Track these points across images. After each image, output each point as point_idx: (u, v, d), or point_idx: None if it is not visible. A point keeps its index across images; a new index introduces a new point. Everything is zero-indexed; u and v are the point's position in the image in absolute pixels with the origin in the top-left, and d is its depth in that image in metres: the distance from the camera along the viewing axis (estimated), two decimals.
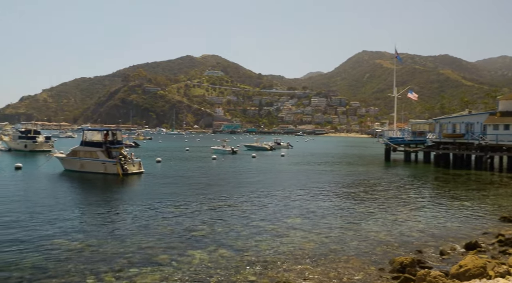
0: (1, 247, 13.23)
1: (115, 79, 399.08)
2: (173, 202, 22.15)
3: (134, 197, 24.01)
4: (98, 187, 28.54)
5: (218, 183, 30.93)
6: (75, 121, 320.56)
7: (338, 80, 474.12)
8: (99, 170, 33.49)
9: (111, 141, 34.81)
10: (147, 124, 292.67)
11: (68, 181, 30.61)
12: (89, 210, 20.00)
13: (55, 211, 19.09)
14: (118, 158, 33.42)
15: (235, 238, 15.04)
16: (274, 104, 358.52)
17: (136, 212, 19.39)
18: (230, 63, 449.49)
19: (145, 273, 11.33)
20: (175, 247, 13.72)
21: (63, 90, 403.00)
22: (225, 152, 65.80)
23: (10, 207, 19.84)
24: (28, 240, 14.10)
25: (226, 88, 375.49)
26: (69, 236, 14.79)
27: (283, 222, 17.92)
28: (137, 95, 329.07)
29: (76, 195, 25.10)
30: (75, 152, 35.60)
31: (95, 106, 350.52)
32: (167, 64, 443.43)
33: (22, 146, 60.63)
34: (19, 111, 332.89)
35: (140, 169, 34.76)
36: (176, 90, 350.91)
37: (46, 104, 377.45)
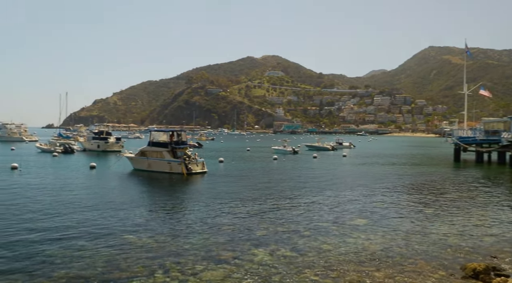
0: (76, 241, 14.18)
1: (179, 82, 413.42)
2: (236, 201, 22.53)
3: (198, 196, 24.74)
4: (164, 186, 29.70)
5: (279, 183, 31.02)
6: (142, 123, 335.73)
7: (402, 78, 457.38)
8: (164, 170, 34.86)
9: (176, 142, 36.09)
10: (209, 125, 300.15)
11: (136, 179, 32.15)
12: (156, 207, 20.89)
13: (125, 208, 20.14)
14: (182, 158, 34.58)
15: (297, 238, 15.01)
16: (335, 104, 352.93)
17: (200, 210, 19.95)
18: (290, 63, 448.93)
19: (209, 269, 11.64)
20: (238, 246, 13.96)
21: (132, 93, 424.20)
22: (286, 152, 65.82)
23: (85, 204, 21.22)
24: (101, 235, 15.00)
25: (287, 88, 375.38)
26: (138, 232, 15.53)
27: (346, 223, 17.61)
28: (200, 97, 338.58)
29: (144, 193, 26.33)
30: (143, 152, 37.33)
31: (160, 108, 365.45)
32: (228, 66, 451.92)
33: (95, 147, 64.63)
34: (93, 114, 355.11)
35: (203, 169, 35.72)
36: (237, 91, 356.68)
37: (116, 106, 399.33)
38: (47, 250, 13.04)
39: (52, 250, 13.00)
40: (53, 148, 59.83)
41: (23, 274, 10.99)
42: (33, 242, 13.87)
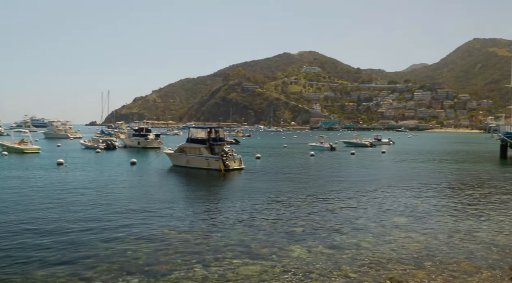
0: (119, 234, 14.65)
1: (216, 79, 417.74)
2: (273, 197, 22.58)
3: (235, 192, 24.96)
4: (202, 182, 30.14)
5: (317, 179, 30.81)
6: (180, 119, 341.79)
7: (444, 71, 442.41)
8: (202, 166, 35.37)
9: (214, 138, 36.51)
10: (246, 121, 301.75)
11: (175, 175, 32.79)
12: (194, 203, 21.25)
13: (165, 203, 20.60)
14: (220, 155, 34.95)
15: (334, 235, 14.88)
16: (374, 99, 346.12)
17: (237, 206, 20.13)
18: (327, 59, 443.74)
19: (247, 264, 11.73)
20: (275, 242, 13.99)
21: (170, 91, 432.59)
22: (323, 149, 65.26)
23: (127, 198, 21.89)
24: (143, 229, 15.42)
25: (324, 84, 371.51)
26: (177, 227, 15.85)
27: (385, 220, 17.28)
28: (236, 94, 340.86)
29: (182, 189, 26.83)
30: (181, 148, 38.00)
31: (198, 105, 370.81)
32: (265, 62, 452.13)
33: (135, 143, 66.37)
34: (133, 111, 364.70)
35: (240, 165, 35.97)
36: (273, 87, 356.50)
37: (155, 104, 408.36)
38: (91, 243, 13.55)
39: (96, 243, 13.49)
40: (96, 145, 61.96)
41: (68, 265, 11.47)
42: (78, 235, 14.44)
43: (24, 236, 14.13)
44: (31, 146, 53.54)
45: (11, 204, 19.63)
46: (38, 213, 17.76)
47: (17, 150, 51.81)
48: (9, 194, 22.44)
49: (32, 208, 18.92)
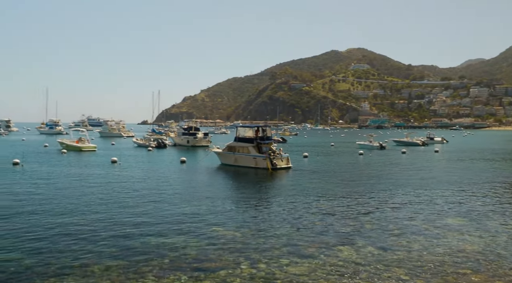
0: (169, 231, 15.08)
1: (263, 78, 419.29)
2: (321, 197, 22.38)
3: (283, 191, 24.96)
4: (250, 181, 30.37)
5: (366, 178, 30.18)
6: (228, 118, 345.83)
7: (503, 66, 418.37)
8: (250, 165, 35.63)
9: (261, 137, 36.68)
10: (293, 120, 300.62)
11: (224, 174, 33.26)
12: (242, 202, 21.47)
13: (214, 201, 20.96)
14: (268, 153, 35.06)
15: (385, 236, 14.53)
16: (426, 97, 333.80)
17: (285, 205, 20.12)
18: (376, 55, 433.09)
19: (295, 263, 11.70)
20: (323, 241, 13.86)
21: (218, 90, 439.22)
22: (372, 147, 63.85)
23: (177, 196, 22.48)
24: (192, 226, 15.78)
25: (373, 81, 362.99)
26: (225, 225, 16.09)
27: (439, 222, 16.65)
28: (283, 92, 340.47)
29: (231, 187, 27.16)
30: (230, 147, 38.49)
31: (245, 103, 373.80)
32: (312, 60, 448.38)
33: (185, 142, 67.99)
34: (182, 110, 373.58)
35: (288, 164, 35.91)
36: (321, 85, 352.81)
37: (204, 103, 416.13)
38: (143, 238, 14.04)
39: (148, 239, 13.97)
40: (147, 143, 64.09)
41: (122, 259, 11.94)
42: (132, 231, 15.01)
43: (82, 231, 14.87)
44: (88, 144, 56.26)
45: (72, 200, 20.73)
46: (95, 209, 18.64)
47: (75, 148, 54.62)
48: (69, 190, 23.69)
49: (89, 204, 19.87)
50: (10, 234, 14.26)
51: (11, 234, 14.26)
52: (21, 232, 14.58)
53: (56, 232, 14.59)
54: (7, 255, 12.11)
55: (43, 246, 13.00)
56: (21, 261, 11.63)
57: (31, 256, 12.04)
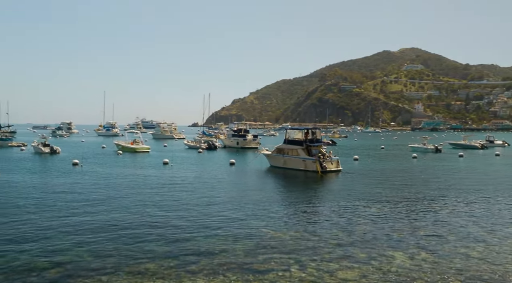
0: (218, 232, 15.30)
1: (312, 80, 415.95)
2: (372, 201, 21.85)
3: (332, 194, 24.62)
4: (299, 183, 30.21)
5: (420, 183, 29.11)
6: (277, 121, 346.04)
7: None
8: (299, 167, 35.44)
9: (311, 140, 36.41)
10: (343, 122, 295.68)
11: (273, 176, 33.30)
12: (291, 204, 21.39)
13: (263, 203, 21.05)
14: (317, 156, 34.74)
15: (440, 243, 13.93)
16: (485, 98, 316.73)
17: (335, 209, 19.83)
18: (431, 55, 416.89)
19: (345, 268, 11.49)
20: (375, 246, 13.52)
21: (267, 92, 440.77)
22: (427, 150, 61.53)
23: (227, 197, 22.79)
24: (241, 228, 15.92)
25: (427, 82, 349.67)
26: (274, 227, 16.09)
27: (499, 230, 15.74)
28: (333, 94, 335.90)
29: (280, 190, 27.14)
30: (279, 149, 38.50)
31: (294, 106, 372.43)
32: (363, 61, 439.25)
33: (234, 143, 68.81)
34: (231, 113, 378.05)
35: (338, 167, 35.39)
36: (372, 87, 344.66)
37: (253, 105, 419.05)
38: (194, 238, 14.34)
39: (198, 239, 14.24)
40: (198, 145, 65.48)
41: (174, 258, 12.25)
42: (183, 231, 15.38)
43: (136, 230, 15.44)
44: (142, 146, 58.36)
45: (126, 200, 21.59)
46: (148, 210, 19.29)
47: (130, 150, 56.84)
48: (124, 190, 24.69)
49: (143, 205, 20.60)
50: (68, 230, 15.05)
51: (68, 231, 15.05)
52: (78, 229, 15.35)
53: (111, 230, 15.23)
54: (66, 251, 12.79)
55: (100, 242, 13.60)
56: (80, 256, 12.24)
57: (88, 252, 12.64)
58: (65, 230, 15.11)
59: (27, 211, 18.44)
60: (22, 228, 15.32)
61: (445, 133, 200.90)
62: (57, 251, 12.70)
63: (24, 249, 12.80)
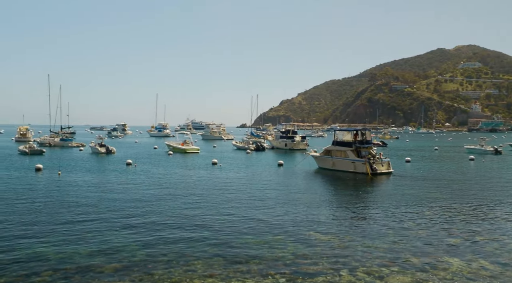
0: (267, 233, 15.32)
1: (362, 80, 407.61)
2: (425, 204, 21.08)
3: (383, 197, 23.98)
4: (348, 186, 29.68)
5: (478, 186, 27.69)
6: (325, 121, 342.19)
7: None
8: (348, 169, 34.84)
9: (360, 141, 35.69)
10: (394, 123, 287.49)
11: (321, 178, 32.94)
12: (340, 207, 21.07)
13: (311, 205, 20.89)
14: (367, 158, 33.99)
15: (500, 251, 13.19)
16: None
17: (386, 212, 19.32)
18: (489, 52, 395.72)
19: (397, 274, 11.15)
20: (428, 252, 13.02)
21: (315, 93, 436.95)
22: (485, 152, 58.47)
23: (274, 198, 22.80)
24: (289, 230, 15.87)
25: (485, 80, 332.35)
26: (323, 230, 15.91)
27: None
28: (383, 94, 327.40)
29: (328, 192, 26.80)
30: (327, 151, 38.04)
31: (343, 106, 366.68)
32: (415, 60, 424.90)
33: (282, 145, 68.78)
34: (279, 114, 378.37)
35: (389, 169, 34.45)
36: (425, 86, 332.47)
37: (301, 106, 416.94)
38: (243, 239, 14.46)
39: (247, 240, 14.34)
40: (246, 146, 66.02)
41: (223, 258, 12.42)
42: (231, 231, 15.56)
43: (186, 229, 15.80)
44: (192, 146, 59.68)
45: (177, 199, 22.17)
46: (197, 210, 19.69)
47: (180, 150, 58.31)
48: (175, 190, 25.36)
49: (191, 204, 21.07)
50: (122, 227, 15.67)
51: (122, 228, 15.66)
52: (132, 227, 15.93)
53: (162, 228, 15.68)
54: (122, 247, 13.32)
55: (152, 241, 14.04)
56: (133, 253, 12.69)
57: (141, 249, 13.09)
58: (119, 228, 15.74)
59: (85, 210, 19.39)
60: (83, 226, 16.12)
61: (506, 134, 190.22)
62: (114, 247, 13.24)
63: (81, 248, 13.46)
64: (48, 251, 12.73)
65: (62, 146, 67.68)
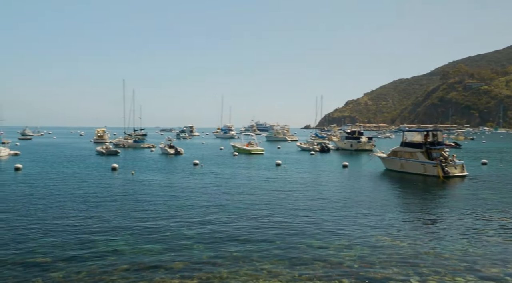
0: (330, 235, 15.11)
1: (433, 78, 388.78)
2: (503, 211, 19.68)
3: (456, 202, 22.70)
4: (417, 189, 28.44)
5: None
6: (393, 122, 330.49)
7: None
8: (418, 171, 33.43)
9: (431, 142, 34.13)
10: (468, 123, 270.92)
11: (388, 180, 31.90)
12: (409, 211, 20.26)
13: (378, 208, 20.30)
14: (438, 160, 32.42)
15: None
16: None
17: (459, 218, 18.29)
18: None
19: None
20: (507, 261, 12.16)
21: (382, 93, 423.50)
22: None
23: (339, 201, 22.44)
24: (355, 233, 15.55)
25: None
26: (391, 234, 15.39)
27: None
28: (456, 93, 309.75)
29: (396, 195, 25.88)
30: (395, 152, 36.77)
31: (412, 106, 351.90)
32: (493, 55, 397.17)
33: (348, 146, 67.50)
34: (344, 114, 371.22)
35: (462, 172, 32.59)
36: (504, 83, 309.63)
37: (367, 106, 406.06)
38: (307, 240, 14.38)
39: (311, 242, 14.24)
40: (311, 147, 65.57)
41: (288, 259, 12.42)
42: (293, 233, 15.52)
43: (252, 230, 16.02)
44: (256, 147, 60.37)
45: (241, 199, 22.55)
46: (263, 212, 19.87)
47: (245, 151, 59.21)
48: (239, 190, 25.81)
49: (254, 204, 21.30)
50: (188, 226, 16.22)
51: (189, 226, 16.22)
52: (201, 224, 16.45)
53: (229, 228, 16.02)
54: (188, 245, 13.79)
55: (220, 238, 14.40)
56: (200, 250, 13.10)
57: (207, 246, 13.46)
58: (188, 226, 16.32)
59: (157, 209, 20.33)
60: (155, 224, 16.93)
61: None
62: (183, 245, 13.76)
63: (153, 244, 14.12)
64: (124, 247, 13.50)
65: (135, 147, 71.40)
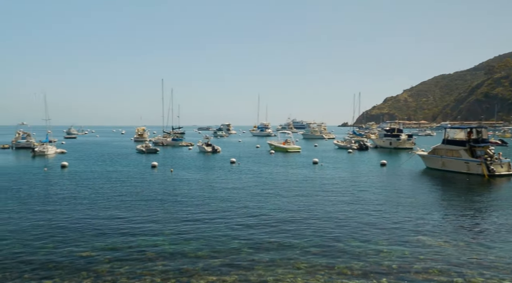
0: (368, 234, 14.84)
1: (477, 73, 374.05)
2: None
3: (503, 201, 21.77)
4: (461, 188, 27.45)
5: None
6: (434, 119, 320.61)
7: None
8: (461, 170, 32.30)
9: (475, 140, 32.87)
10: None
11: (429, 179, 30.96)
12: (452, 211, 19.61)
13: (419, 208, 19.79)
14: (483, 158, 31.19)
15: None
16: None
17: (505, 218, 17.55)
18: None
19: None
20: None
21: (422, 89, 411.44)
22: None
23: (378, 200, 22.01)
24: (395, 233, 15.22)
25: None
26: (433, 235, 14.98)
27: None
28: (503, 88, 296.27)
29: (437, 194, 25.08)
30: (436, 150, 35.67)
31: (454, 102, 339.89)
32: None
33: (387, 144, 66.06)
34: (383, 111, 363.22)
35: (509, 171, 31.20)
36: None
37: (407, 103, 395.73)
38: (345, 239, 14.21)
39: (349, 241, 14.06)
40: (348, 145, 64.63)
41: (326, 257, 12.33)
42: (331, 232, 15.37)
43: (290, 228, 16.00)
44: (293, 145, 60.16)
45: (277, 197, 22.55)
46: (300, 211, 19.80)
47: (282, 149, 59.13)
48: (275, 189, 25.81)
49: (291, 202, 21.24)
50: (229, 222, 16.38)
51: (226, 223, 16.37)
52: (239, 223, 16.58)
53: (266, 226, 16.06)
54: (230, 240, 13.93)
55: (257, 235, 14.46)
56: (238, 247, 13.21)
57: (245, 243, 13.56)
58: (226, 223, 16.49)
59: (195, 205, 20.68)
60: (194, 219, 17.22)
61: None
62: (221, 242, 13.93)
63: (192, 240, 14.35)
64: (164, 244, 13.81)
65: (174, 145, 72.82)
